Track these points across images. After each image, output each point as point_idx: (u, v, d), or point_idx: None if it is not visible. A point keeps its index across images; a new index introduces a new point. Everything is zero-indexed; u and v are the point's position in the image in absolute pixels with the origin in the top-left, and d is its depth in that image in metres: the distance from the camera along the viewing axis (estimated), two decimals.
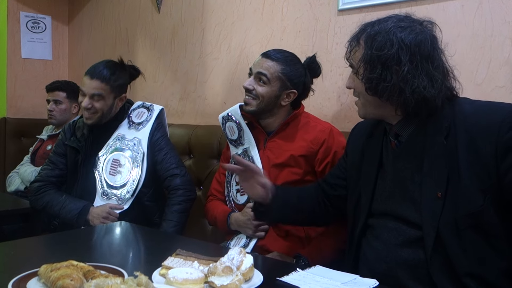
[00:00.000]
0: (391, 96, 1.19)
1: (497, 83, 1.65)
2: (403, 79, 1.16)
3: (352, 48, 1.27)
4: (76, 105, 2.86)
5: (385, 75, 1.17)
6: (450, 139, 1.16)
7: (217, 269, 1.03)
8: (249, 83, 1.73)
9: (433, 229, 1.14)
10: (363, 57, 1.21)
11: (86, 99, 1.96)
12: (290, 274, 1.13)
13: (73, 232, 1.69)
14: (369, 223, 1.33)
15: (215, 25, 2.60)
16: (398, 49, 1.16)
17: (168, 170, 1.98)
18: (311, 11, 2.16)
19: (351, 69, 1.30)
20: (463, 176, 1.12)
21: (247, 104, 1.75)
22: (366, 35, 1.22)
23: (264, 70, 1.70)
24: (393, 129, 1.28)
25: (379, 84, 1.19)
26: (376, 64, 1.18)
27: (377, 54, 1.18)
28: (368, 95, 1.24)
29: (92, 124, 2.00)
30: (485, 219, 1.11)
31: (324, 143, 1.68)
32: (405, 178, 1.23)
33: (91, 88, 1.96)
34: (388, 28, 1.19)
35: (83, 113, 2.01)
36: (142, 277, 0.87)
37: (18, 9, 3.50)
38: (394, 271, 1.20)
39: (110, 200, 1.95)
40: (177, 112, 2.83)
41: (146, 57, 3.05)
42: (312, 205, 1.51)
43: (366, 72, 1.21)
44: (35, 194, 2.00)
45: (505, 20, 1.63)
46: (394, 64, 1.17)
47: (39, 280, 1.04)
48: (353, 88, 1.30)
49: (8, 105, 3.46)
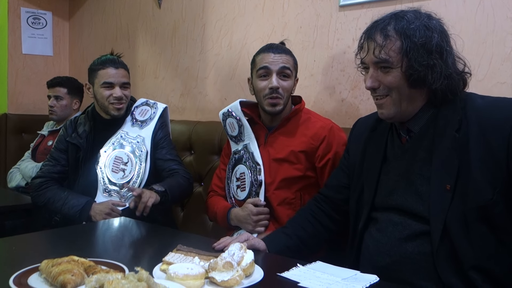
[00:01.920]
0: (440, 83, 1.18)
1: (499, 79, 1.65)
2: (446, 63, 1.18)
3: (381, 43, 1.19)
4: (77, 101, 2.86)
5: (433, 62, 1.17)
6: (461, 132, 1.16)
7: (218, 264, 1.03)
8: (276, 82, 1.68)
9: (441, 221, 1.14)
10: (405, 49, 1.18)
11: (118, 89, 1.97)
12: (290, 269, 1.14)
13: (74, 227, 1.70)
14: (372, 216, 1.32)
15: (216, 21, 2.59)
16: (438, 36, 1.18)
17: (168, 166, 1.99)
18: (312, 7, 2.15)
19: (374, 68, 1.24)
20: (473, 169, 1.12)
21: (276, 104, 1.70)
22: (399, 27, 1.19)
23: (286, 64, 1.71)
24: (405, 125, 1.28)
25: (427, 72, 1.17)
26: (422, 53, 1.17)
27: (422, 42, 1.17)
28: (407, 88, 1.21)
29: (121, 114, 2.01)
30: (493, 213, 1.11)
31: (325, 140, 1.68)
32: (413, 172, 1.23)
33: (121, 76, 1.98)
34: (418, 18, 1.20)
35: (111, 107, 1.98)
36: (143, 272, 0.87)
37: (19, 5, 3.50)
38: (397, 265, 1.20)
39: (112, 197, 1.95)
40: (178, 108, 2.83)
41: (147, 53, 3.04)
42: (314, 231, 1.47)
43: (411, 62, 1.17)
44: (36, 190, 2.00)
45: (507, 15, 1.62)
46: (438, 50, 1.18)
47: (40, 276, 1.04)
48: (383, 85, 1.23)
49: (9, 101, 3.46)
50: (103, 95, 1.98)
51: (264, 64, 1.71)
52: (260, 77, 1.72)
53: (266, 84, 1.70)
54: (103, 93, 1.98)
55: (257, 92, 1.75)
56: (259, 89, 1.73)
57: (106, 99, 1.98)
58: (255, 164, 1.74)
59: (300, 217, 1.51)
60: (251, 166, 1.75)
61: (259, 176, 1.72)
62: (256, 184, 1.72)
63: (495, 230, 1.12)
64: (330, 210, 1.50)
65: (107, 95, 1.97)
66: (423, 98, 1.24)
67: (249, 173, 1.75)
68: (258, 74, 1.73)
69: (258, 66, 1.73)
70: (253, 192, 1.73)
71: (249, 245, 1.30)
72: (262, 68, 1.71)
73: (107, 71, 1.96)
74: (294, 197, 1.69)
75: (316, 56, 2.14)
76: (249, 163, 1.76)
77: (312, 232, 1.47)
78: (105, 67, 1.97)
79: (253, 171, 1.74)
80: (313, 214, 1.50)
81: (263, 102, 1.73)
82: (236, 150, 1.84)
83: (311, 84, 2.16)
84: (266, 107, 1.72)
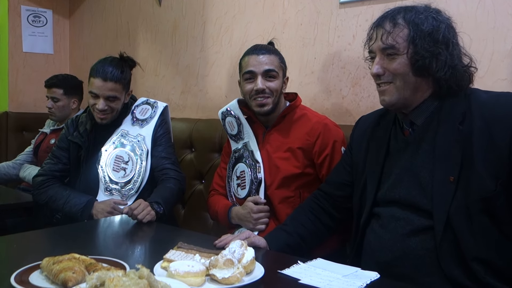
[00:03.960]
0: (444, 72, 1.20)
1: (499, 76, 1.65)
2: (452, 55, 1.20)
3: (389, 30, 1.23)
4: (75, 100, 2.85)
5: (438, 51, 1.19)
6: (465, 124, 1.17)
7: (219, 262, 1.03)
8: (262, 84, 1.69)
9: (444, 213, 1.15)
10: (412, 36, 1.21)
11: (101, 102, 1.93)
12: (291, 267, 1.14)
13: (75, 225, 1.70)
14: (374, 212, 1.33)
15: (216, 19, 2.59)
16: (445, 27, 1.21)
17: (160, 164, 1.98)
18: (313, 4, 2.15)
19: (380, 54, 1.25)
20: (476, 162, 1.13)
21: (264, 105, 1.71)
22: (409, 16, 1.22)
23: (270, 66, 1.70)
24: (408, 117, 1.28)
25: (432, 60, 1.20)
26: (429, 41, 1.20)
27: (429, 31, 1.20)
28: (412, 75, 1.23)
29: (106, 123, 2.00)
30: (496, 205, 1.12)
31: (320, 135, 1.68)
32: (416, 165, 1.23)
33: (107, 90, 1.93)
34: (427, 10, 1.23)
35: (95, 114, 1.98)
36: (143, 270, 0.87)
37: (19, 3, 3.49)
38: (399, 261, 1.21)
39: (113, 196, 1.96)
40: (179, 106, 2.83)
41: (147, 51, 3.04)
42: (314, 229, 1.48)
43: (417, 49, 1.20)
44: (38, 188, 2.00)
45: (508, 12, 1.62)
46: (445, 41, 1.20)
47: (42, 273, 1.04)
48: (388, 72, 1.25)
49: (10, 99, 3.46)
50: (90, 103, 1.99)
51: (248, 69, 1.72)
52: (246, 80, 1.74)
53: (252, 86, 1.72)
54: (90, 101, 1.99)
55: (245, 95, 1.78)
56: (245, 91, 1.75)
57: (91, 106, 1.99)
58: (254, 162, 1.74)
59: (300, 214, 1.52)
60: (251, 164, 1.75)
61: (258, 174, 1.72)
62: (256, 182, 1.72)
63: (498, 222, 1.13)
64: (329, 207, 1.50)
65: (91, 104, 1.98)
66: (427, 89, 1.25)
67: (249, 171, 1.75)
68: (244, 77, 1.75)
69: (244, 70, 1.75)
70: (253, 190, 1.73)
71: (249, 242, 1.30)
72: (246, 72, 1.73)
73: (95, 81, 1.93)
74: (294, 195, 1.69)
75: (317, 53, 2.14)
76: (248, 161, 1.76)
77: (312, 230, 1.48)
78: (95, 76, 1.94)
79: (252, 169, 1.74)
80: (312, 211, 1.51)
81: (251, 104, 1.75)
82: (236, 149, 1.84)
83: (312, 81, 2.16)
84: (254, 108, 1.75)
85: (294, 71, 2.19)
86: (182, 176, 2.00)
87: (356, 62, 1.99)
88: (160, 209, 1.70)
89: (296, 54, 2.20)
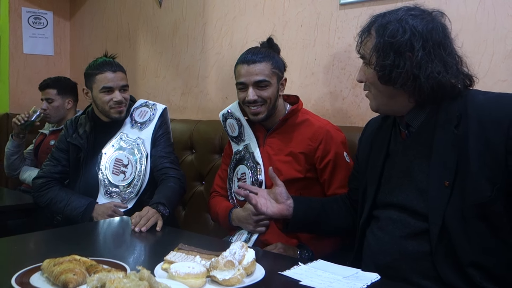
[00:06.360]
0: (405, 83, 1.18)
1: (500, 77, 1.65)
2: (417, 65, 1.16)
3: (363, 39, 1.26)
4: (70, 100, 2.85)
5: (398, 61, 1.17)
6: (461, 128, 1.16)
7: (219, 263, 1.03)
8: (252, 95, 1.68)
9: (439, 217, 1.14)
10: (375, 46, 1.20)
11: (117, 93, 1.96)
12: (292, 268, 1.14)
13: (76, 227, 1.70)
14: (374, 214, 1.33)
15: (216, 20, 2.59)
16: (410, 36, 1.17)
17: (160, 164, 1.98)
18: (313, 5, 2.15)
19: (362, 62, 1.29)
20: (472, 166, 1.12)
21: (258, 113, 1.71)
22: (377, 25, 1.22)
23: (260, 77, 1.68)
24: (404, 120, 1.28)
25: (392, 71, 1.18)
26: (388, 52, 1.18)
27: (390, 41, 1.18)
28: (381, 84, 1.23)
29: (122, 117, 2.01)
30: (492, 210, 1.11)
31: (323, 141, 1.67)
32: (413, 168, 1.23)
33: (119, 80, 1.97)
34: (399, 17, 1.20)
35: (112, 111, 1.98)
36: (144, 271, 0.87)
37: (20, 5, 3.50)
38: (398, 264, 1.21)
39: (113, 199, 1.95)
40: (179, 107, 2.83)
41: (147, 52, 3.05)
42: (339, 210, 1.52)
43: (379, 60, 1.20)
44: (38, 190, 2.00)
45: (508, 13, 1.62)
46: (407, 50, 1.17)
47: (42, 275, 1.04)
48: (364, 80, 1.29)
49: (11, 101, 3.47)
50: (103, 100, 1.96)
51: (239, 80, 1.72)
52: (239, 90, 1.75)
53: (244, 95, 1.72)
54: (103, 98, 1.96)
55: (240, 102, 1.79)
56: (240, 99, 1.77)
57: (106, 103, 1.96)
58: (255, 164, 1.74)
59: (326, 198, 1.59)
60: (252, 166, 1.75)
61: (259, 176, 1.72)
62: (256, 184, 1.71)
63: (494, 227, 1.12)
64: (350, 206, 1.53)
65: (107, 100, 1.96)
66: (408, 96, 1.23)
67: (249, 173, 1.75)
68: (237, 87, 1.75)
69: (236, 79, 1.75)
70: None
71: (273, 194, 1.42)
72: (238, 83, 1.73)
73: (105, 75, 1.94)
74: None
75: (317, 54, 2.14)
76: (249, 163, 1.76)
77: (336, 210, 1.52)
78: (102, 71, 1.95)
79: (253, 171, 1.74)
80: (336, 201, 1.55)
81: (246, 111, 1.76)
82: (237, 151, 1.84)
83: (312, 83, 2.16)
84: (249, 116, 1.76)
85: (295, 72, 2.19)
86: (182, 174, 2.00)
87: (357, 64, 1.98)
88: (166, 212, 1.69)
89: (297, 56, 2.20)
